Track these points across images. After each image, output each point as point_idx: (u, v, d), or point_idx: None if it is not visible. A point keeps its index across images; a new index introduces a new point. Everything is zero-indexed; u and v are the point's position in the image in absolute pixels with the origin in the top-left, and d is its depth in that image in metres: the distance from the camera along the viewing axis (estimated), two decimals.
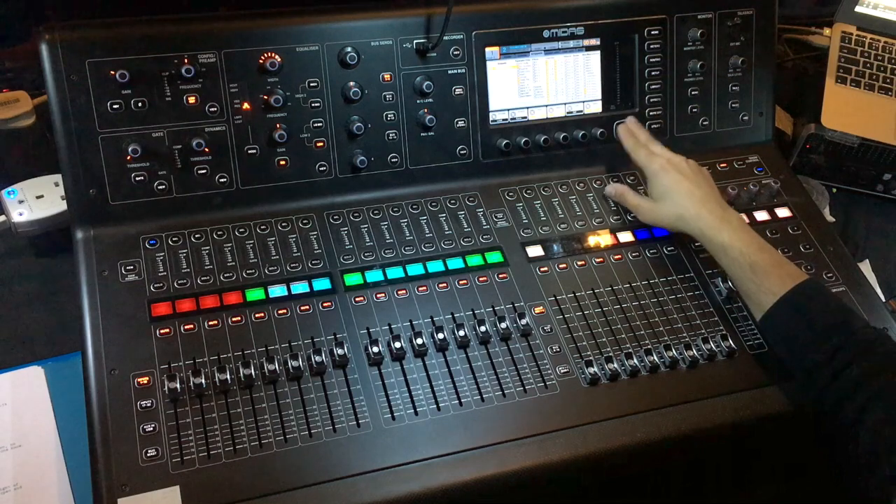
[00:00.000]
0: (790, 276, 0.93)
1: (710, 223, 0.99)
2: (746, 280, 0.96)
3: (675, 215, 1.03)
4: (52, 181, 1.13)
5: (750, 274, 0.95)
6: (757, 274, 0.94)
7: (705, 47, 1.20)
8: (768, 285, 0.93)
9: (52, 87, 0.96)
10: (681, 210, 1.02)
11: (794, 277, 0.93)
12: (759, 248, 0.96)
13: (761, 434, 0.96)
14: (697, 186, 1.03)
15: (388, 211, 1.08)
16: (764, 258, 0.95)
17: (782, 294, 0.92)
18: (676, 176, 1.04)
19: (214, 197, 1.04)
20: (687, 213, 1.02)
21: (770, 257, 0.95)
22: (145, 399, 0.87)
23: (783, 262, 0.96)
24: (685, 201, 1.02)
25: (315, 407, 0.89)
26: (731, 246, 0.97)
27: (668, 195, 1.04)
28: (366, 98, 1.07)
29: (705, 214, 1.00)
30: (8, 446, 0.93)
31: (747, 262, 0.95)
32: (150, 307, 0.94)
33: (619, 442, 0.90)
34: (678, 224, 1.04)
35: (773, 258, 0.96)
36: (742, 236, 0.97)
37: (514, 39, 1.13)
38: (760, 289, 0.94)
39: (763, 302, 0.94)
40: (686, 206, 1.02)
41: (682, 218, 1.02)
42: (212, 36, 1.01)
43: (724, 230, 0.98)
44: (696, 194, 1.02)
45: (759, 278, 0.94)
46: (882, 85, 1.42)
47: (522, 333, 0.97)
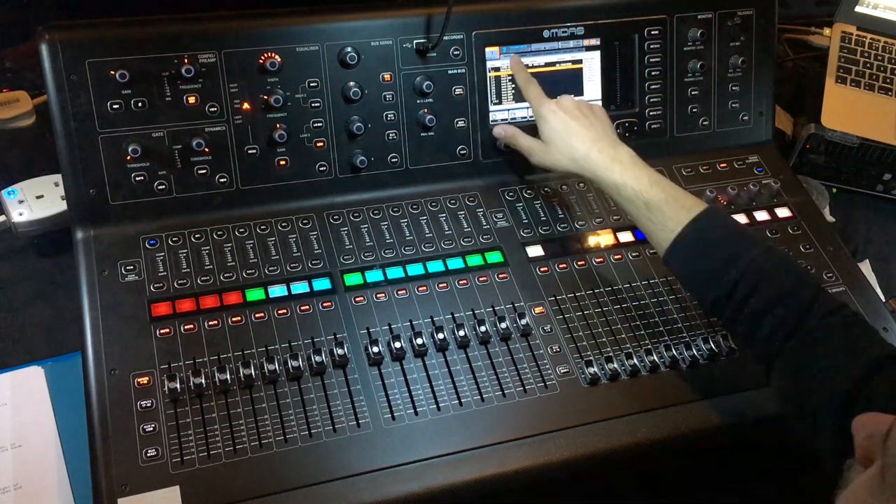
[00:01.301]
0: (685, 209, 0.90)
1: (601, 163, 0.96)
2: (643, 219, 0.93)
3: (566, 158, 1.00)
4: (52, 181, 1.13)
5: (646, 212, 0.92)
6: (652, 211, 0.92)
7: (705, 47, 1.20)
8: (664, 222, 0.91)
9: (52, 87, 0.96)
10: (571, 152, 0.99)
11: (689, 209, 0.90)
12: (652, 184, 0.93)
13: (761, 434, 0.96)
14: (586, 127, 1.00)
15: (388, 211, 1.08)
16: (657, 194, 0.92)
17: (678, 230, 0.90)
18: (565, 118, 1.01)
19: (214, 197, 1.04)
20: (578, 155, 0.99)
21: (663, 192, 0.92)
22: (145, 399, 0.87)
23: (677, 194, 0.92)
24: (575, 143, 0.99)
25: (315, 407, 0.89)
26: (623, 185, 0.94)
27: (559, 137, 1.01)
28: (366, 98, 1.07)
29: (595, 155, 0.97)
30: (8, 446, 0.93)
31: (642, 201, 0.92)
32: (150, 307, 0.94)
33: (619, 442, 0.90)
34: (571, 167, 1.01)
35: (667, 193, 0.92)
36: (634, 173, 0.94)
37: (514, 39, 1.13)
38: (657, 226, 0.92)
39: (661, 240, 0.92)
40: (576, 148, 0.99)
41: (574, 160, 0.99)
42: (212, 36, 1.01)
43: (615, 170, 0.95)
44: (586, 135, 0.99)
45: (654, 216, 0.92)
46: (882, 85, 1.42)
47: (522, 333, 0.97)
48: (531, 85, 1.07)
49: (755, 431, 0.95)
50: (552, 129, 1.02)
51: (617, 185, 0.95)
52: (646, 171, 0.95)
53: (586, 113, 1.02)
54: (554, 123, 1.02)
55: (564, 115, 1.01)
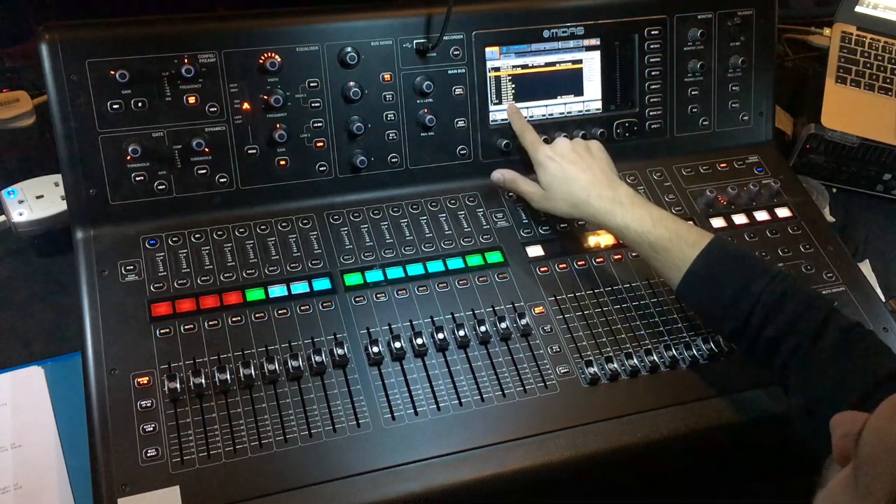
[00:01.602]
0: (690, 245, 0.91)
1: (601, 208, 0.97)
2: (650, 259, 0.94)
3: (567, 204, 1.01)
4: (52, 181, 1.13)
5: (652, 252, 0.93)
6: (658, 251, 0.93)
7: (705, 47, 1.20)
8: (671, 260, 0.92)
9: (52, 87, 0.96)
10: (571, 198, 1.00)
11: (695, 245, 0.91)
12: (654, 224, 0.93)
13: (761, 434, 0.96)
14: (584, 171, 1.00)
15: (388, 211, 1.08)
16: (660, 234, 0.92)
17: (685, 268, 0.90)
18: (561, 164, 1.01)
19: (214, 197, 1.04)
20: (578, 201, 0.99)
21: (666, 231, 0.92)
22: (145, 399, 0.87)
23: (681, 231, 0.93)
24: (573, 189, 0.99)
25: (315, 407, 0.89)
26: (626, 228, 0.95)
27: (557, 184, 1.01)
28: (366, 98, 1.07)
29: (595, 201, 0.97)
30: (8, 446, 0.93)
31: (646, 242, 0.93)
32: (150, 307, 0.94)
33: (619, 442, 0.90)
34: (573, 212, 1.01)
35: (670, 230, 0.93)
36: (636, 214, 0.95)
37: (514, 39, 1.13)
38: (665, 265, 0.93)
39: (671, 277, 0.93)
40: (576, 195, 0.99)
41: (575, 206, 1.00)
42: (212, 36, 1.01)
43: (616, 213, 0.96)
44: (584, 180, 0.99)
45: (660, 255, 0.93)
46: (882, 85, 1.42)
47: (522, 333, 0.97)
48: (527, 132, 1.09)
49: (755, 431, 0.95)
50: (551, 175, 1.02)
51: (620, 229, 0.96)
52: (647, 209, 0.96)
53: (583, 155, 1.02)
54: (552, 170, 1.02)
55: (561, 161, 1.02)
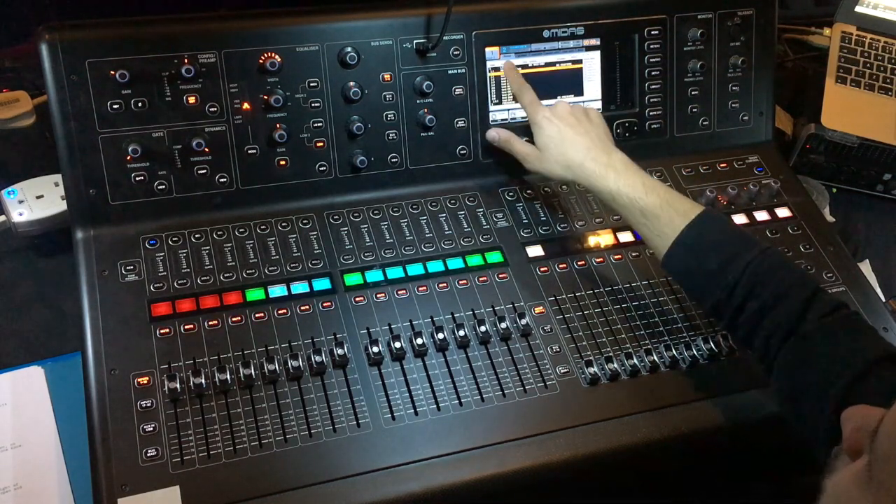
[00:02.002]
0: (681, 214, 0.91)
1: (595, 171, 0.96)
2: (640, 225, 0.94)
3: (561, 166, 1.00)
4: (52, 181, 1.13)
5: (642, 219, 0.93)
6: (648, 218, 0.92)
7: (705, 47, 1.20)
8: (660, 228, 0.91)
9: (52, 87, 0.96)
10: (566, 160, 0.99)
11: (685, 214, 0.91)
12: (647, 191, 0.93)
13: (761, 434, 0.96)
14: (581, 135, 0.99)
15: (388, 211, 1.08)
16: (652, 201, 0.92)
17: (674, 236, 0.90)
18: (560, 125, 1.00)
19: (214, 197, 1.04)
20: (572, 163, 0.98)
21: (658, 198, 0.92)
22: (145, 399, 0.87)
23: (673, 200, 0.93)
24: (569, 151, 0.99)
25: (315, 407, 0.89)
26: (618, 192, 0.94)
27: (553, 145, 1.01)
28: (366, 98, 1.07)
29: (589, 163, 0.97)
30: (8, 446, 0.93)
31: (637, 208, 0.93)
32: (150, 307, 0.94)
33: (619, 442, 0.90)
34: (565, 174, 1.01)
35: (662, 198, 0.92)
36: (628, 180, 0.94)
37: (514, 39, 1.12)
38: (654, 232, 0.92)
39: (659, 245, 0.92)
40: (570, 157, 0.99)
41: (569, 168, 0.99)
42: (212, 36, 1.01)
43: (609, 177, 0.95)
44: (581, 143, 0.99)
45: (650, 222, 0.92)
46: (882, 85, 1.42)
47: (522, 333, 0.97)
48: (525, 91, 1.07)
49: (755, 431, 0.95)
50: (547, 136, 1.02)
51: (612, 193, 0.95)
52: (640, 176, 0.95)
53: (581, 119, 1.02)
54: (548, 131, 1.01)
55: (559, 122, 1.01)
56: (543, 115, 1.02)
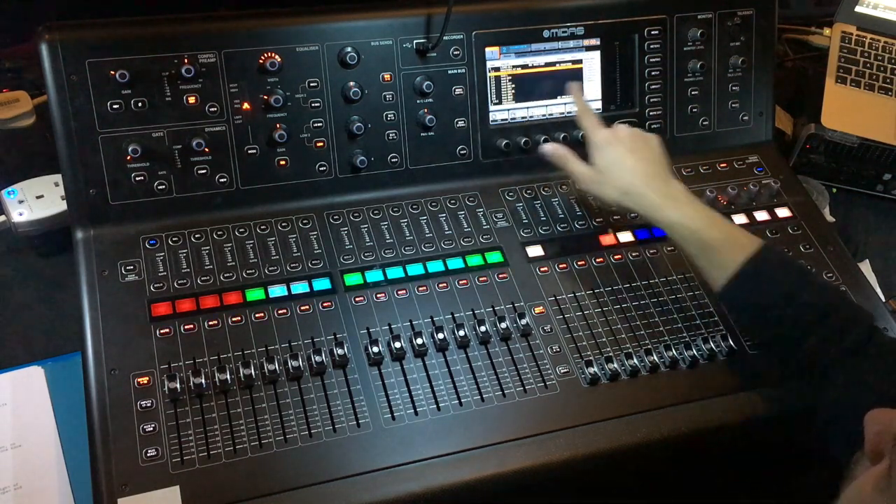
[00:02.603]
0: (741, 247, 0.91)
1: (654, 202, 0.95)
2: (698, 257, 0.94)
3: (618, 191, 0.98)
4: (52, 181, 1.13)
5: (700, 251, 0.93)
6: (707, 251, 0.92)
7: (705, 47, 1.20)
8: (719, 261, 0.91)
9: (52, 87, 0.96)
10: (625, 186, 0.97)
11: (744, 248, 0.90)
12: (707, 224, 0.93)
13: (761, 434, 0.96)
14: (642, 161, 0.98)
15: (388, 211, 1.08)
16: (712, 234, 0.92)
17: (733, 270, 0.90)
18: (622, 150, 0.99)
19: (214, 197, 1.04)
20: (632, 190, 0.97)
21: (718, 231, 0.92)
22: (145, 399, 0.87)
23: (732, 233, 0.93)
24: (629, 177, 0.97)
25: (315, 407, 0.89)
26: (678, 224, 0.94)
27: (612, 169, 0.99)
28: (366, 98, 1.07)
29: (650, 193, 0.96)
30: (8, 446, 0.93)
31: (696, 240, 0.93)
32: (150, 307, 0.94)
33: (619, 442, 0.90)
34: (623, 200, 0.99)
35: (722, 231, 0.92)
36: (687, 212, 0.94)
37: (514, 39, 1.12)
38: (712, 265, 0.92)
39: (716, 278, 0.92)
40: (630, 183, 0.97)
41: (627, 194, 0.98)
42: (212, 36, 1.01)
43: (669, 207, 0.95)
44: (641, 170, 0.97)
45: (709, 255, 0.92)
46: (882, 85, 1.42)
47: (522, 333, 0.97)
48: (587, 114, 1.05)
49: (755, 431, 0.95)
50: (606, 159, 0.99)
51: (671, 224, 0.95)
52: (699, 208, 0.95)
53: (641, 146, 1.00)
54: (608, 154, 0.99)
55: (620, 147, 0.99)
56: (604, 138, 1.00)
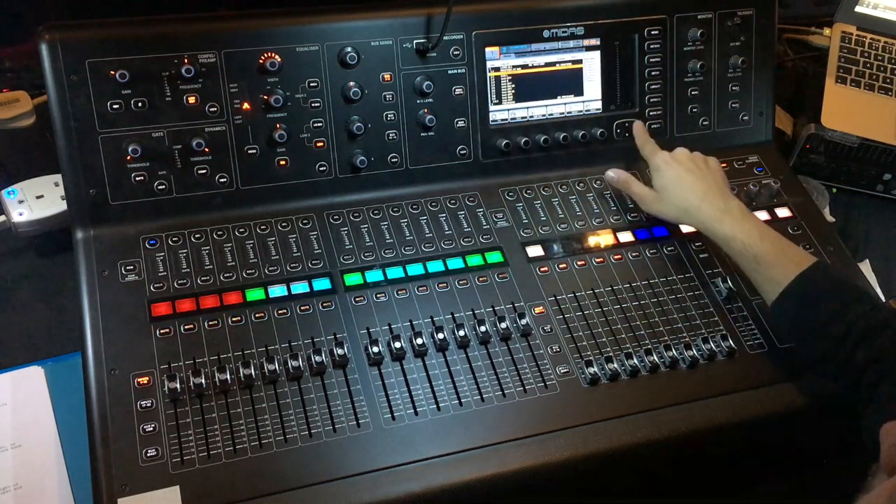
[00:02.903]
0: (795, 263, 0.93)
1: (711, 216, 1.00)
2: (752, 271, 0.96)
3: (677, 208, 1.04)
4: (52, 181, 1.13)
5: (754, 265, 0.95)
6: (761, 265, 0.95)
7: (705, 47, 1.20)
8: (772, 275, 0.94)
9: (52, 87, 0.96)
10: (683, 203, 1.03)
11: (799, 264, 0.93)
12: (762, 238, 0.96)
13: (761, 434, 0.96)
14: (700, 180, 1.04)
15: (388, 211, 1.08)
16: (766, 248, 0.95)
17: (786, 285, 0.92)
18: (679, 169, 1.05)
19: (214, 197, 1.04)
20: (690, 206, 1.02)
21: (773, 246, 0.95)
22: (145, 399, 0.87)
23: (787, 249, 0.96)
24: (687, 195, 1.03)
25: (315, 407, 0.89)
26: (733, 238, 0.97)
27: (671, 188, 1.05)
28: (366, 98, 1.07)
29: (706, 207, 1.01)
30: (8, 446, 0.93)
31: (751, 254, 0.95)
32: (150, 307, 0.94)
33: (619, 442, 0.90)
34: (682, 217, 1.05)
35: (776, 246, 0.95)
36: (744, 227, 0.97)
37: (514, 39, 1.12)
38: (765, 279, 0.95)
39: (769, 292, 0.94)
40: (688, 200, 1.03)
41: (686, 211, 1.03)
42: (212, 36, 1.01)
43: (725, 222, 0.99)
44: (698, 188, 1.03)
45: (763, 269, 0.95)
46: (882, 85, 1.42)
47: (522, 333, 0.97)
48: (648, 142, 1.13)
49: (755, 431, 0.95)
50: (666, 179, 1.06)
51: (727, 238, 0.98)
52: (755, 224, 0.98)
53: (700, 165, 1.06)
54: (668, 174, 1.06)
55: (678, 167, 1.05)
56: (664, 159, 1.07)
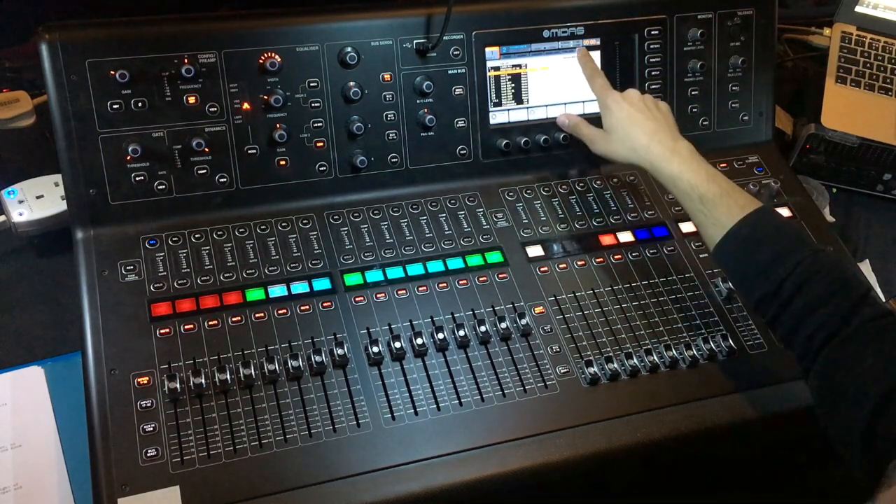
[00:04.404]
0: (739, 206, 0.91)
1: (659, 154, 0.98)
2: (696, 212, 0.95)
3: (626, 148, 1.02)
4: (52, 181, 1.13)
5: (699, 205, 0.94)
6: (706, 205, 0.93)
7: (705, 47, 1.20)
8: (717, 216, 0.92)
9: (52, 87, 0.96)
10: (632, 142, 1.01)
11: (743, 207, 0.91)
12: (709, 179, 0.94)
13: (762, 434, 0.96)
14: (649, 119, 1.02)
15: (388, 211, 1.08)
16: (712, 189, 0.93)
17: (730, 226, 0.91)
18: (629, 109, 1.03)
19: (214, 197, 1.04)
20: (637, 145, 1.00)
21: (719, 188, 0.93)
22: (145, 399, 0.87)
23: (732, 191, 0.94)
24: (636, 134, 1.01)
25: (315, 407, 0.89)
26: (680, 177, 0.96)
27: (621, 127, 1.03)
28: (366, 98, 1.07)
29: (655, 146, 0.99)
30: (8, 446, 0.93)
31: (697, 194, 0.94)
32: (150, 307, 0.94)
33: (619, 442, 0.90)
34: (630, 156, 1.02)
35: (723, 188, 0.93)
36: (691, 166, 0.96)
37: (514, 39, 1.13)
38: (709, 220, 0.93)
39: (713, 234, 0.93)
40: (637, 139, 1.01)
41: (634, 150, 1.01)
42: (212, 36, 1.01)
43: (673, 161, 0.97)
44: (647, 126, 1.01)
45: (708, 209, 0.93)
46: (882, 85, 1.42)
47: (522, 333, 0.97)
48: (597, 76, 1.09)
49: (755, 431, 0.95)
50: (615, 118, 1.04)
51: (674, 177, 0.97)
52: (703, 165, 0.97)
53: (650, 106, 1.05)
54: (617, 113, 1.04)
55: (628, 106, 1.03)
56: (614, 99, 1.05)
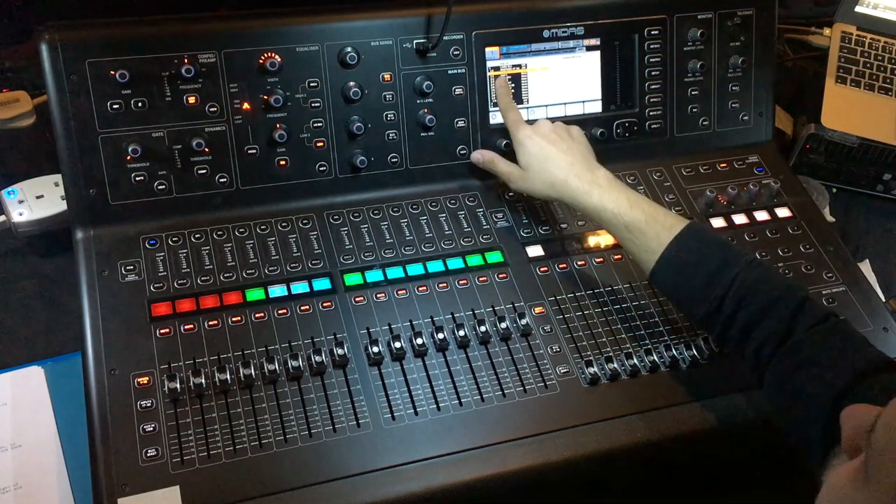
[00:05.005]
0: (666, 228, 0.91)
1: (578, 188, 0.97)
2: (625, 241, 0.94)
3: (545, 184, 1.00)
4: (52, 181, 1.13)
5: (627, 234, 0.93)
6: (633, 233, 0.92)
7: (705, 47, 1.20)
8: (646, 243, 0.92)
9: (52, 87, 0.96)
10: (549, 178, 0.99)
11: (671, 228, 0.91)
12: (631, 206, 0.93)
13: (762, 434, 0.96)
14: (564, 152, 1.00)
15: (388, 211, 1.08)
16: (637, 215, 0.92)
17: (660, 252, 0.90)
18: (541, 143, 1.01)
19: (214, 197, 1.04)
20: (555, 181, 0.99)
21: (643, 213, 0.93)
22: (145, 399, 0.87)
23: (657, 215, 0.93)
24: (553, 169, 0.99)
25: (315, 407, 0.89)
26: (603, 208, 0.95)
27: (536, 163, 1.01)
28: (366, 98, 1.07)
29: (573, 180, 0.97)
30: (8, 446, 0.93)
31: (622, 223, 0.93)
32: (150, 307, 0.94)
33: (619, 442, 0.90)
34: (550, 192, 1.01)
35: (647, 213, 0.93)
36: (612, 196, 0.95)
37: (514, 39, 1.13)
38: (640, 248, 0.93)
39: (645, 260, 0.93)
40: (554, 174, 0.99)
41: (552, 186, 0.99)
42: (212, 36, 1.01)
43: (593, 193, 0.95)
44: (562, 160, 0.99)
45: (636, 237, 0.92)
46: (882, 85, 1.42)
47: (522, 333, 0.97)
48: (511, 110, 1.07)
49: (755, 431, 0.95)
50: (530, 154, 1.01)
51: (597, 209, 0.96)
52: (624, 192, 0.96)
53: (563, 137, 1.02)
54: (531, 149, 1.01)
55: (541, 141, 1.01)
56: (526, 134, 1.02)
